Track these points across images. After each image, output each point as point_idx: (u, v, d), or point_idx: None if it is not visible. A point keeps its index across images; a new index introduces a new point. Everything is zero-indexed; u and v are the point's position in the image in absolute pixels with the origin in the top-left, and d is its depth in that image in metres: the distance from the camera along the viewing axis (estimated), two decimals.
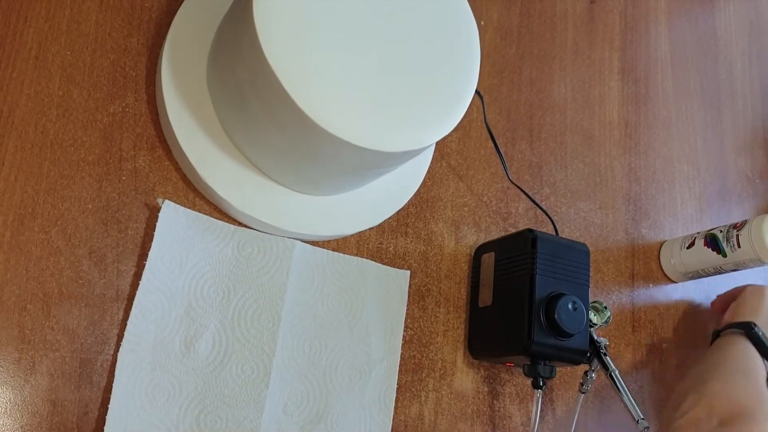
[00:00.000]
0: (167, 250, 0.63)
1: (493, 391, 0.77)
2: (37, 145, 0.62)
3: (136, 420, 0.59)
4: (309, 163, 0.62)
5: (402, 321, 0.73)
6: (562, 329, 0.68)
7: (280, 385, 0.65)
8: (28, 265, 0.60)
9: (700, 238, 0.88)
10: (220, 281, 0.65)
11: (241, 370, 0.64)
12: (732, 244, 0.84)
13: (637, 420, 0.71)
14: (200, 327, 0.63)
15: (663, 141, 0.99)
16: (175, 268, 0.63)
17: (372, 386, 0.70)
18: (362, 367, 0.70)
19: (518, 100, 0.89)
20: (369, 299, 0.72)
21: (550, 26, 0.95)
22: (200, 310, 0.64)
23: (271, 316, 0.66)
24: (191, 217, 0.65)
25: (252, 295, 0.66)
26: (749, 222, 0.84)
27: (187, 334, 0.63)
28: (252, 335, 0.65)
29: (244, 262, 0.66)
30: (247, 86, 0.59)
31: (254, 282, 0.66)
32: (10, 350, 0.58)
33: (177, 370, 0.62)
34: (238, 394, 0.63)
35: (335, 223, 0.70)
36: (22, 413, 0.57)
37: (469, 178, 0.82)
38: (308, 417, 0.67)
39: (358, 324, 0.71)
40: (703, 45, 1.09)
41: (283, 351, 0.66)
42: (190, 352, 0.63)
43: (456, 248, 0.79)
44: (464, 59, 0.64)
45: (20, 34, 0.64)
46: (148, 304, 0.62)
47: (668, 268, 0.92)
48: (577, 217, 0.89)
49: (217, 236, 0.66)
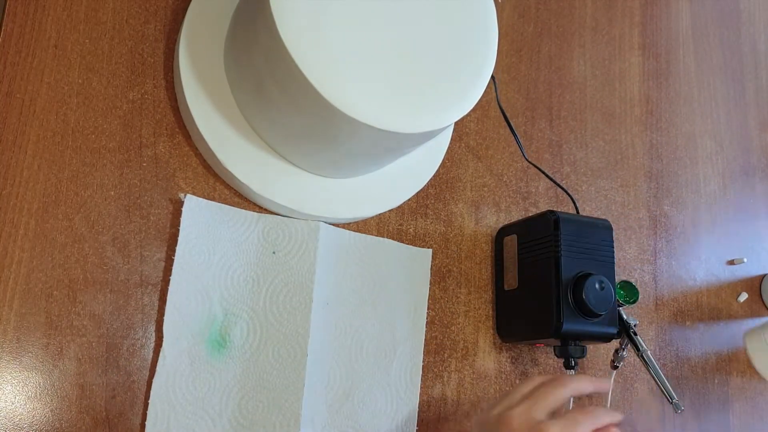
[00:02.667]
0: (194, 244, 0.64)
1: (516, 370, 0.77)
2: (59, 134, 0.63)
3: (180, 413, 0.61)
4: (327, 146, 0.62)
5: (425, 300, 0.73)
6: (591, 309, 0.68)
7: (313, 367, 0.66)
8: (53, 252, 0.61)
9: None
10: (248, 269, 0.66)
11: (278, 354, 0.65)
12: None
13: (672, 401, 0.71)
14: (233, 316, 0.64)
15: (685, 117, 0.98)
16: (203, 261, 0.64)
17: (397, 365, 0.70)
18: (387, 347, 0.70)
19: (537, 79, 0.88)
20: (392, 279, 0.72)
21: (569, 2, 0.94)
22: (232, 299, 0.65)
23: (302, 298, 0.66)
24: (214, 208, 0.66)
25: (282, 279, 0.66)
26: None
27: (222, 323, 0.64)
28: (285, 319, 0.66)
29: (270, 247, 0.67)
30: (264, 70, 0.59)
31: (283, 267, 0.67)
32: (39, 336, 0.59)
33: (215, 359, 0.63)
34: (277, 378, 0.64)
35: (355, 205, 0.70)
36: (52, 397, 0.58)
37: (488, 158, 0.82)
38: (335, 396, 0.67)
39: (381, 304, 0.71)
40: (726, 18, 1.07)
41: (315, 332, 0.66)
42: (227, 341, 0.64)
43: (476, 229, 0.79)
44: (482, 38, 0.63)
45: (39, 23, 0.64)
46: (181, 299, 0.63)
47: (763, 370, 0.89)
48: (598, 195, 0.88)
49: (241, 225, 0.66)
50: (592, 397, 0.80)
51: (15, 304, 0.58)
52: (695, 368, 0.89)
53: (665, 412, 0.85)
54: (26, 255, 0.60)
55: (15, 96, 0.62)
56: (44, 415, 0.58)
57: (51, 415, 0.58)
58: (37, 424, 0.57)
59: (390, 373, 0.70)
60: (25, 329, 0.58)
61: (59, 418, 0.58)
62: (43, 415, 0.58)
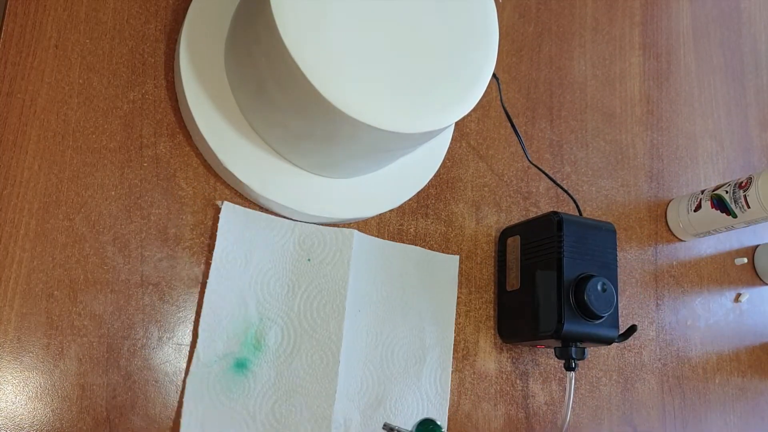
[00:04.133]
0: (231, 249, 0.65)
1: (517, 370, 0.77)
2: (60, 134, 0.63)
3: (213, 414, 0.61)
4: (328, 146, 0.62)
5: (453, 306, 0.74)
6: (593, 311, 0.68)
7: (346, 373, 0.67)
8: (54, 252, 0.61)
9: (705, 200, 0.86)
10: (284, 276, 0.67)
11: (311, 359, 0.65)
12: (741, 205, 0.82)
13: None
14: (269, 321, 0.65)
15: (686, 117, 0.98)
16: (239, 266, 0.65)
17: (427, 371, 0.71)
18: (417, 353, 0.71)
19: (537, 79, 0.88)
20: (420, 286, 0.73)
21: (569, 2, 0.94)
22: (267, 304, 0.65)
23: (335, 306, 0.67)
24: (251, 216, 0.67)
25: (316, 287, 0.67)
26: (754, 181, 0.81)
27: (257, 328, 0.65)
28: (319, 326, 0.66)
29: (305, 255, 0.68)
30: (265, 70, 0.59)
31: (317, 274, 0.68)
32: (39, 336, 0.59)
33: (250, 363, 0.64)
34: (310, 384, 0.65)
35: (356, 205, 0.70)
36: (52, 397, 0.58)
37: (489, 158, 0.82)
38: (368, 402, 0.68)
39: (411, 311, 0.72)
40: (726, 18, 1.07)
41: (347, 340, 0.67)
42: (261, 345, 0.64)
43: (477, 229, 0.79)
44: (482, 38, 0.63)
45: (40, 23, 0.64)
46: (218, 302, 0.63)
47: (676, 229, 0.91)
48: (599, 195, 0.88)
49: (278, 233, 0.67)
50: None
51: (16, 304, 0.58)
52: (696, 368, 0.89)
53: (665, 412, 0.85)
54: (27, 255, 0.60)
55: (16, 96, 0.62)
56: (45, 415, 0.58)
57: (52, 415, 0.58)
58: (37, 424, 0.57)
59: (421, 379, 0.71)
60: (25, 329, 0.58)
61: (60, 418, 0.58)
62: (43, 415, 0.58)
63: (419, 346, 0.71)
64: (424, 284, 0.73)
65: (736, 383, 0.92)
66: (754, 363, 0.94)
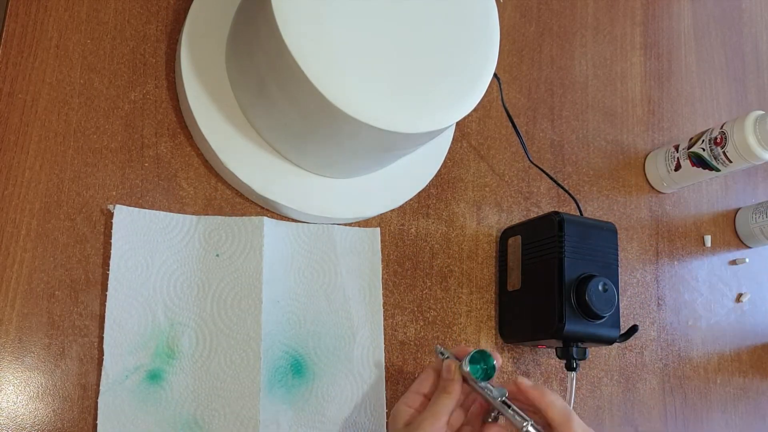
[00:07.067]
0: (129, 256, 0.62)
1: (518, 371, 0.77)
2: (61, 134, 0.63)
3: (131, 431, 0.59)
4: (329, 146, 0.62)
5: (379, 280, 0.71)
6: (594, 311, 0.68)
7: (270, 367, 0.64)
8: (55, 252, 0.61)
9: (684, 159, 0.87)
10: (192, 276, 0.64)
11: (230, 360, 0.63)
12: (722, 161, 0.83)
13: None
14: (180, 326, 0.62)
15: (687, 117, 0.98)
16: (141, 272, 0.62)
17: (358, 351, 0.69)
18: (345, 334, 0.69)
19: (538, 79, 0.88)
20: (341, 264, 0.70)
21: (570, 2, 0.94)
22: (177, 309, 0.63)
23: (251, 300, 0.64)
24: (148, 216, 0.63)
25: (228, 283, 0.64)
26: (729, 138, 0.82)
27: (168, 335, 0.62)
28: (235, 324, 0.63)
29: (212, 251, 0.65)
30: (266, 69, 0.59)
31: (228, 269, 0.65)
32: (41, 336, 0.59)
33: (165, 372, 0.61)
34: (231, 385, 0.62)
35: (357, 205, 0.70)
36: (54, 397, 0.58)
37: (490, 158, 0.82)
38: (299, 393, 0.65)
39: (335, 292, 0.69)
40: (728, 18, 1.07)
41: (268, 333, 0.65)
42: (175, 352, 0.62)
43: (478, 229, 0.79)
44: (483, 38, 0.63)
45: (41, 23, 0.64)
46: (121, 314, 0.61)
47: (658, 184, 0.91)
48: (600, 195, 0.88)
49: (180, 230, 0.64)
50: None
51: (17, 305, 0.58)
52: (697, 368, 0.89)
53: (667, 412, 0.85)
54: (28, 255, 0.60)
55: (17, 96, 0.62)
56: (46, 415, 0.58)
57: (53, 415, 0.58)
58: (39, 424, 0.57)
59: (352, 361, 0.68)
60: (27, 329, 0.58)
61: (61, 418, 0.58)
62: (45, 415, 0.58)
63: (347, 327, 0.69)
64: (346, 263, 0.70)
65: (738, 383, 0.91)
66: (756, 363, 0.94)
